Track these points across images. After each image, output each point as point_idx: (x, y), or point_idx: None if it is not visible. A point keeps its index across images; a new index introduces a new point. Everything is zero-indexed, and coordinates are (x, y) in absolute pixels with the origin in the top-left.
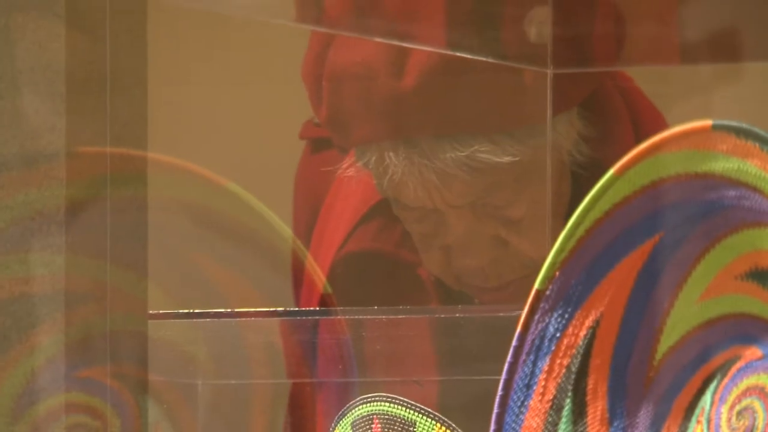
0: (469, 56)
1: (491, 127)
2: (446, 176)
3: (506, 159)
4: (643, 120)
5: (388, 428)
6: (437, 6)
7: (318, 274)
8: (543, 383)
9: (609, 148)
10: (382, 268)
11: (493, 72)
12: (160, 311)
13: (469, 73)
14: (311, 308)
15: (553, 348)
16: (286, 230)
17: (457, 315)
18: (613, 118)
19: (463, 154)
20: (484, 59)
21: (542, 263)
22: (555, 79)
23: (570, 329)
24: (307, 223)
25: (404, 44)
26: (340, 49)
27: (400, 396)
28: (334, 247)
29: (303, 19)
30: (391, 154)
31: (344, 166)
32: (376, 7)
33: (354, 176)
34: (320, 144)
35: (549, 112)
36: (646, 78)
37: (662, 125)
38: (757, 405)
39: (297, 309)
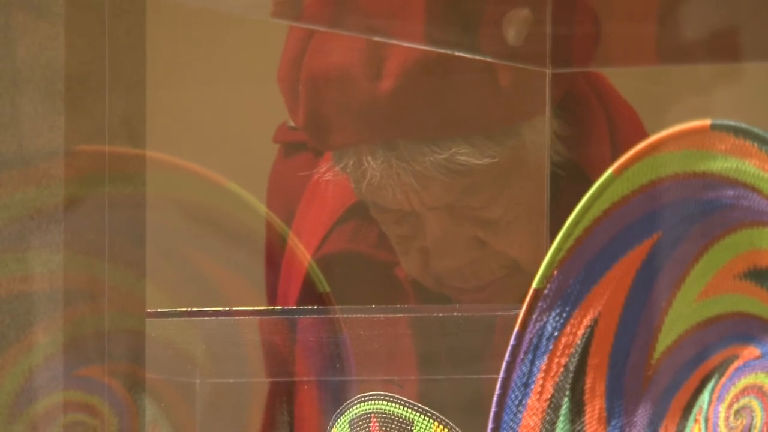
0: (468, 56)
1: (469, 130)
2: (424, 179)
3: (485, 161)
4: (619, 119)
5: (386, 427)
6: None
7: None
8: (541, 382)
9: (584, 147)
10: (359, 269)
11: (471, 74)
12: (158, 310)
13: (448, 75)
14: (309, 307)
15: (551, 347)
16: (285, 229)
17: (455, 314)
18: (588, 118)
19: (441, 156)
20: (483, 58)
21: (521, 263)
22: (533, 81)
23: (568, 328)
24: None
25: (403, 44)
26: (316, 52)
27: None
28: (310, 249)
29: (303, 19)
30: (369, 157)
31: (322, 170)
32: (375, 7)
33: (331, 180)
34: (294, 148)
35: (548, 111)
36: (646, 78)
37: (637, 123)
38: (755, 404)
39: (295, 308)
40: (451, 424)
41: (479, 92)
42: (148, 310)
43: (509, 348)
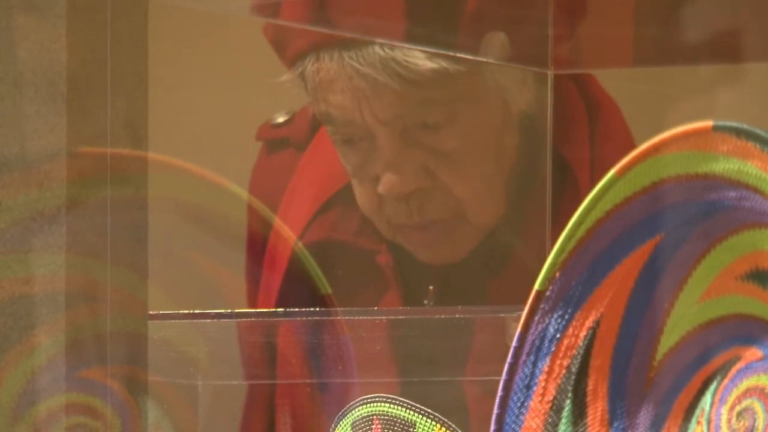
0: (469, 57)
1: (429, 36)
2: (376, 85)
3: (439, 69)
4: (599, 110)
5: (389, 429)
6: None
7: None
8: (543, 384)
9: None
10: (341, 258)
11: None
12: (161, 312)
13: None
14: (312, 309)
15: (553, 349)
16: (287, 231)
17: (457, 316)
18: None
19: (393, 56)
20: (484, 60)
21: (467, 209)
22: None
23: (570, 330)
24: (262, 226)
25: (402, 45)
26: None
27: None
28: (293, 238)
29: (305, 21)
30: (326, 56)
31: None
32: (377, 7)
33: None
34: (277, 144)
35: (549, 113)
36: (645, 79)
37: (617, 115)
38: (758, 406)
39: (297, 310)
40: (454, 426)
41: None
42: (150, 312)
43: (511, 350)
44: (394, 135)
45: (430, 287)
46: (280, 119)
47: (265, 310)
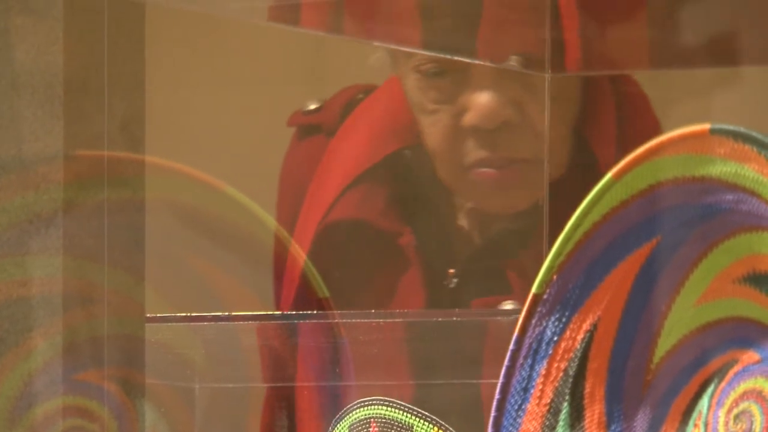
0: (467, 60)
1: None
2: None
3: None
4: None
5: None
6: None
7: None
8: (540, 387)
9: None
10: (363, 238)
11: None
12: (158, 315)
13: None
14: (308, 312)
15: (550, 351)
16: (284, 233)
17: (454, 318)
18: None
19: None
20: (482, 63)
21: (550, 150)
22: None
23: (567, 333)
24: (292, 211)
25: (400, 47)
26: None
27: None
28: (317, 217)
29: (299, 23)
30: None
31: None
32: (373, 10)
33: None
34: (308, 130)
35: (547, 115)
36: (643, 83)
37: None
38: (755, 409)
39: (294, 313)
40: (451, 429)
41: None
42: (147, 315)
43: (509, 353)
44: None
45: (450, 270)
46: (311, 106)
47: (261, 313)
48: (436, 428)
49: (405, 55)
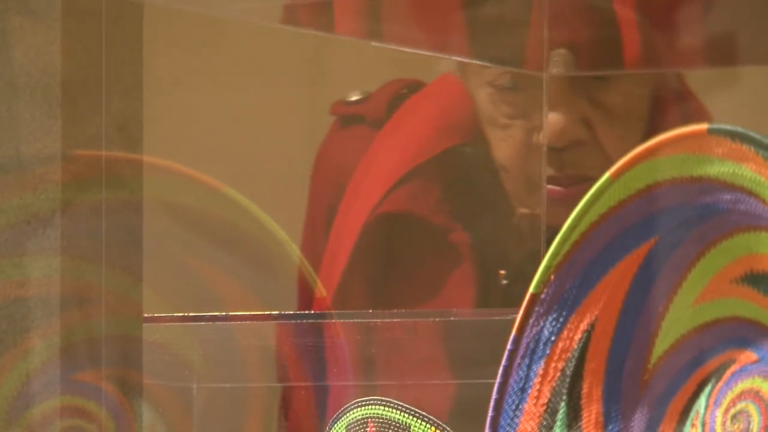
0: (466, 60)
1: None
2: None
3: None
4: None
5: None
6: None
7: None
8: (538, 387)
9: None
10: (414, 232)
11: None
12: (155, 315)
13: None
14: (306, 312)
15: (548, 351)
16: (282, 234)
17: (452, 318)
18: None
19: None
20: (480, 63)
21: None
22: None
23: (565, 333)
24: (327, 199)
25: (401, 48)
26: None
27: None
28: (368, 207)
29: (299, 23)
30: None
31: None
32: (376, 10)
33: (391, 143)
34: (349, 120)
35: (544, 115)
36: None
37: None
38: (752, 409)
39: (292, 312)
40: (449, 429)
41: None
42: (145, 315)
43: (506, 352)
44: (563, 82)
45: (501, 271)
46: (354, 97)
47: (260, 313)
48: (433, 428)
49: (478, 67)
